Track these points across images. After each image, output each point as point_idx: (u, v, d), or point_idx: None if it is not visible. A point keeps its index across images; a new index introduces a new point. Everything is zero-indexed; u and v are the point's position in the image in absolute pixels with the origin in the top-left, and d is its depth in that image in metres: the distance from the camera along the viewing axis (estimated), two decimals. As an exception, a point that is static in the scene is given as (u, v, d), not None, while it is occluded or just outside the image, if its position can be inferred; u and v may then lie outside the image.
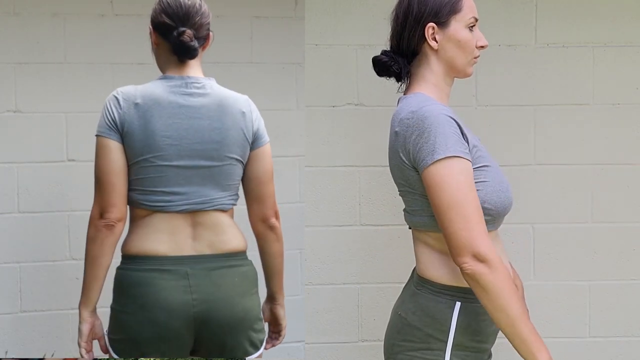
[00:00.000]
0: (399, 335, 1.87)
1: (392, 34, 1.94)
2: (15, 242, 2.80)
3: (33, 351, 2.85)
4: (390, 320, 1.96)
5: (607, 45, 2.73)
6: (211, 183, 2.11)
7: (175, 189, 2.08)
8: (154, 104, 2.06)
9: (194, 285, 2.06)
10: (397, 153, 1.82)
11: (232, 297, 2.11)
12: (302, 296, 2.88)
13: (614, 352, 2.78)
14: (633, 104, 2.74)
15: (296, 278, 3.04)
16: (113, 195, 2.03)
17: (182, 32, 2.07)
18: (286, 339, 3.07)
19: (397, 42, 1.92)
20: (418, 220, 1.86)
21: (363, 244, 2.74)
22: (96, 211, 2.05)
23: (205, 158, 2.09)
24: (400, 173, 1.85)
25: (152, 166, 2.05)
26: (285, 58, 3.00)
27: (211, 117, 2.10)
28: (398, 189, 1.92)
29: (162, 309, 2.03)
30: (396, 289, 2.75)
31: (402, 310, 1.89)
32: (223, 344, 2.11)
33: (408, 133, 1.77)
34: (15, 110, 2.79)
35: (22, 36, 2.78)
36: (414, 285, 1.89)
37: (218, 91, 2.15)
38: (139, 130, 2.04)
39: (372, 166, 2.72)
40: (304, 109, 2.76)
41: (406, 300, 1.90)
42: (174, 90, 2.09)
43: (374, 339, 2.75)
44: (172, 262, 2.07)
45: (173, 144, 2.06)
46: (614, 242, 2.76)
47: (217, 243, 2.13)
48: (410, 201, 1.87)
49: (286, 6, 2.99)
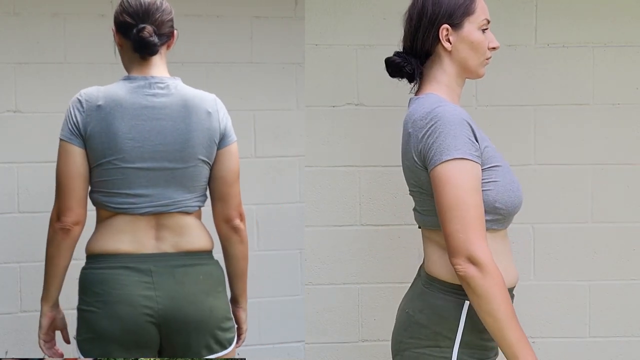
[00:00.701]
0: (406, 333, 1.88)
1: (405, 35, 1.95)
2: (15, 242, 2.80)
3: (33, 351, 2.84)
4: (398, 318, 1.97)
5: (607, 45, 2.73)
6: (175, 185, 2.10)
7: (138, 191, 2.08)
8: (116, 105, 2.05)
9: (157, 282, 2.06)
10: (409, 154, 1.83)
11: (197, 295, 2.10)
12: (302, 296, 2.88)
13: (614, 352, 2.78)
14: (633, 104, 2.74)
15: (296, 278, 3.04)
16: (70, 199, 2.06)
17: (141, 28, 2.08)
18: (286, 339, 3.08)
19: (410, 43, 1.93)
20: (429, 219, 1.87)
21: (363, 244, 2.74)
22: (54, 214, 2.10)
23: (169, 160, 2.08)
24: (411, 174, 1.86)
25: (114, 168, 2.06)
26: (285, 58, 3.00)
27: (175, 118, 2.09)
28: (409, 189, 1.92)
29: (126, 303, 2.03)
30: (396, 289, 2.76)
31: (410, 308, 1.89)
32: (188, 342, 2.10)
33: (420, 134, 1.78)
34: (15, 110, 2.79)
35: (22, 36, 2.78)
36: (423, 283, 1.90)
37: (183, 91, 2.13)
38: (101, 132, 2.04)
39: (372, 166, 2.72)
40: (304, 109, 2.75)
41: (414, 298, 1.91)
42: (137, 91, 2.08)
43: (374, 339, 2.75)
44: (135, 259, 2.08)
45: (136, 146, 2.05)
46: (614, 242, 2.76)
47: (180, 243, 2.13)
48: (421, 201, 1.88)
49: (286, 6, 2.99)
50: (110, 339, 2.04)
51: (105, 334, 2.04)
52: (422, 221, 1.91)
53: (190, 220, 2.16)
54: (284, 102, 3.02)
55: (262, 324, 3.04)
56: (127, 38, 2.12)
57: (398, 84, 2.00)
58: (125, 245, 2.08)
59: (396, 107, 2.66)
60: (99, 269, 2.08)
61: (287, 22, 2.99)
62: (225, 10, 2.94)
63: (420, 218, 1.92)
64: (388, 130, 2.68)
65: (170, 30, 2.16)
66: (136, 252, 2.08)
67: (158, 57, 2.14)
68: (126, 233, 2.09)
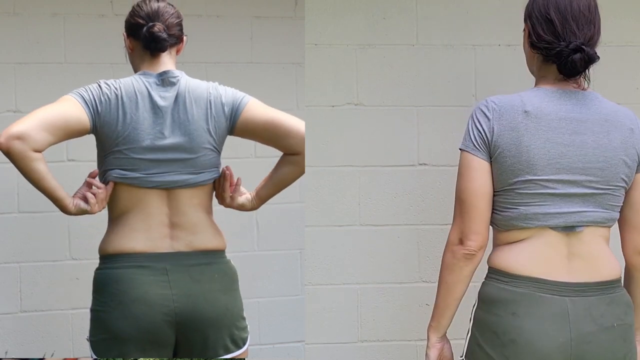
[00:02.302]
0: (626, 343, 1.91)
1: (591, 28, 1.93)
2: (15, 242, 2.80)
3: (33, 351, 2.85)
4: (606, 339, 1.88)
5: (607, 45, 2.72)
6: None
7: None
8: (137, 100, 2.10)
9: (173, 281, 2.07)
10: (631, 150, 1.91)
11: (213, 292, 2.12)
12: (302, 296, 2.88)
13: (614, 352, 2.78)
14: (633, 104, 2.72)
15: (296, 278, 3.04)
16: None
17: (151, 25, 2.13)
18: (286, 339, 3.08)
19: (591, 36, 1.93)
20: (616, 216, 1.95)
21: (363, 244, 2.74)
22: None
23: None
24: (629, 170, 1.91)
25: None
26: (285, 58, 3.00)
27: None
28: (613, 184, 1.91)
29: (142, 302, 2.03)
30: (396, 289, 2.76)
31: (614, 321, 1.89)
32: (205, 339, 2.11)
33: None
34: (15, 110, 2.79)
35: (22, 36, 2.78)
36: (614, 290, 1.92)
37: (190, 83, 2.17)
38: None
39: (372, 166, 2.72)
40: (304, 109, 2.76)
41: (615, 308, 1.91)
42: (150, 86, 2.12)
43: (374, 339, 2.75)
44: (150, 259, 2.08)
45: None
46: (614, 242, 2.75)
47: (194, 242, 2.14)
48: (620, 198, 1.93)
49: (286, 6, 2.99)
50: (127, 339, 2.03)
51: (122, 334, 2.03)
52: (607, 218, 1.93)
53: (203, 219, 2.17)
54: (284, 102, 3.02)
55: (262, 324, 3.05)
56: (137, 38, 2.17)
57: (398, 84, 2.00)
58: (140, 244, 2.08)
59: (396, 107, 2.66)
60: (114, 269, 2.08)
61: (287, 22, 2.99)
62: (225, 10, 2.94)
63: (607, 216, 1.92)
64: (388, 130, 2.68)
65: (179, 33, 2.21)
66: (151, 251, 2.09)
67: (167, 57, 2.18)
68: (140, 231, 2.09)
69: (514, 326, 1.82)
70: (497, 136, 1.85)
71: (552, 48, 1.88)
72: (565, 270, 1.86)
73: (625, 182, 1.91)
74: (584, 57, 1.85)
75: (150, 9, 2.17)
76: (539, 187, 1.85)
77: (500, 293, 1.87)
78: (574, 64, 1.85)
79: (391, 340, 2.75)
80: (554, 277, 1.85)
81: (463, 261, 1.89)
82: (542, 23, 1.92)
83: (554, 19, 1.89)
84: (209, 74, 2.93)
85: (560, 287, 1.84)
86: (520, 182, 1.85)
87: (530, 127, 1.84)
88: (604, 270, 1.89)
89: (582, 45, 1.84)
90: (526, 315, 1.82)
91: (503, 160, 1.86)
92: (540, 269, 1.85)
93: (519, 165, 1.84)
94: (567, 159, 1.85)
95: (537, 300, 1.83)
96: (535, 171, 1.84)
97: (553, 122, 1.86)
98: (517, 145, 1.84)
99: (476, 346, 1.89)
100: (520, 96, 1.90)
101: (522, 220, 1.87)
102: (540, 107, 1.86)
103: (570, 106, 1.88)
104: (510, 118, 1.86)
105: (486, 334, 1.87)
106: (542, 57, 1.93)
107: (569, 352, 1.80)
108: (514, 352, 1.80)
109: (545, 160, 1.84)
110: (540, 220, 1.86)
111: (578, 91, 1.91)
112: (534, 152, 1.84)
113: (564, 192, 1.85)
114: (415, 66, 2.68)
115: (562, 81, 1.92)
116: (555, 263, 1.86)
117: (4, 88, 2.77)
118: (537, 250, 1.87)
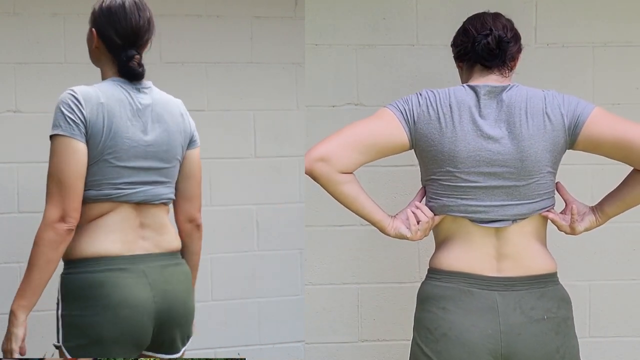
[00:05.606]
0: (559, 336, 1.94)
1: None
2: (15, 242, 2.80)
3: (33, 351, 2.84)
4: (536, 331, 1.92)
5: (607, 45, 2.73)
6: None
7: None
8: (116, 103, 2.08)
9: (152, 282, 2.08)
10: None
11: (182, 293, 2.16)
12: (302, 296, 2.88)
13: (614, 352, 2.78)
14: (633, 104, 2.74)
15: (296, 278, 3.04)
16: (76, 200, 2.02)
17: (131, 56, 2.09)
18: (286, 339, 3.08)
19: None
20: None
21: (363, 244, 2.73)
22: (55, 215, 1.98)
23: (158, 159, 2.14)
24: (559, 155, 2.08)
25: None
26: (285, 58, 3.00)
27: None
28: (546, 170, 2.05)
29: (128, 306, 2.02)
30: (396, 289, 2.76)
31: (544, 314, 1.94)
32: (174, 338, 2.15)
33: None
34: (15, 110, 2.79)
35: (22, 36, 2.78)
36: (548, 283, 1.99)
37: (159, 94, 2.17)
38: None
39: (372, 166, 2.70)
40: (304, 109, 2.76)
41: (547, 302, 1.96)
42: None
43: (374, 339, 2.75)
44: (127, 261, 2.07)
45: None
46: (614, 242, 2.76)
47: (162, 242, 2.15)
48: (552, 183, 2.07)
49: (286, 6, 2.99)
50: (110, 342, 2.02)
51: (105, 338, 2.02)
52: (534, 209, 1.98)
53: (166, 219, 2.18)
54: (284, 102, 3.02)
55: (262, 324, 3.05)
56: (110, 52, 2.13)
57: (398, 84, 2.00)
58: (116, 246, 2.07)
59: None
60: (93, 272, 2.04)
61: (287, 22, 2.99)
62: (225, 10, 2.94)
63: (534, 207, 1.99)
64: (388, 130, 2.68)
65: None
66: (127, 254, 2.08)
67: None
68: (115, 233, 2.07)
69: (445, 320, 1.89)
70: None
71: (468, 41, 2.00)
72: (494, 266, 1.93)
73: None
74: (495, 37, 1.95)
75: (131, 29, 2.10)
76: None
77: (433, 290, 1.96)
78: (487, 45, 1.96)
79: (391, 340, 2.75)
80: (483, 272, 1.92)
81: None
82: (460, 35, 2.06)
83: (469, 28, 2.03)
84: (209, 74, 2.93)
85: (489, 281, 1.91)
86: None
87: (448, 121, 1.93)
88: (533, 265, 1.96)
89: (491, 29, 1.97)
90: (456, 309, 1.89)
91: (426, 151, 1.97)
92: (469, 265, 1.93)
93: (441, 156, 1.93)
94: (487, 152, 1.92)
95: (466, 295, 1.90)
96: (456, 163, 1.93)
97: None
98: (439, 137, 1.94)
99: (415, 346, 1.96)
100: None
101: (446, 212, 1.96)
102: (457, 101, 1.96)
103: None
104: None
105: (421, 331, 1.94)
106: (466, 60, 2.03)
107: (499, 343, 1.86)
108: (445, 346, 1.87)
109: (465, 153, 1.91)
110: (462, 213, 1.93)
111: (500, 85, 1.99)
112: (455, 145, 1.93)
113: (486, 185, 1.92)
114: (415, 66, 2.68)
115: (487, 74, 2.00)
116: (484, 259, 1.93)
117: (4, 88, 2.77)
118: (466, 247, 1.94)
